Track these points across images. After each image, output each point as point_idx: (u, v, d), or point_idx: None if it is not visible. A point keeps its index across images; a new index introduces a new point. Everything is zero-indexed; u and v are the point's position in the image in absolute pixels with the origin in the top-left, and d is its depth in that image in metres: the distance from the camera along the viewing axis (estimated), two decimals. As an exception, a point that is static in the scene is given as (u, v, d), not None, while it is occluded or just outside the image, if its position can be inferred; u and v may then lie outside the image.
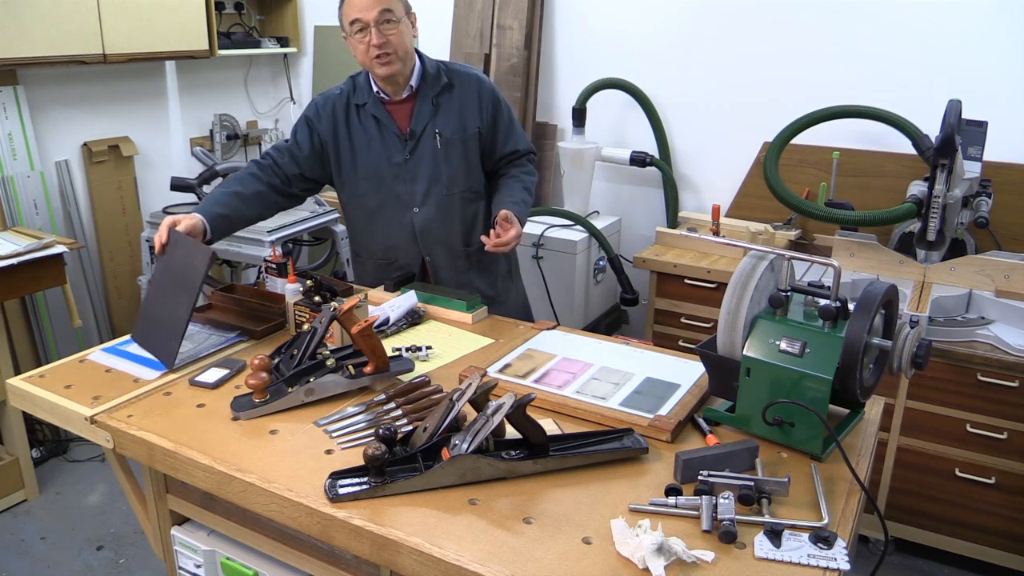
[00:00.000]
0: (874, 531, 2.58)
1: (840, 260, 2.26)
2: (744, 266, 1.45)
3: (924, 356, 1.36)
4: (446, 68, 2.15)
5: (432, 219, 2.16)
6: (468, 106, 2.13)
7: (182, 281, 1.74)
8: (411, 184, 2.13)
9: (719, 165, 3.25)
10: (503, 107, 2.19)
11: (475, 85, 2.15)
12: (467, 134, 2.13)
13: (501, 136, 2.19)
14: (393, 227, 2.19)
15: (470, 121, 2.13)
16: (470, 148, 2.15)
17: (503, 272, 2.33)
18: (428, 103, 2.10)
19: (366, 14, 1.97)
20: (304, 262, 3.77)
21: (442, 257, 2.21)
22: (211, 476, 1.37)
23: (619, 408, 1.52)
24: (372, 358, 1.58)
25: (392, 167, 2.12)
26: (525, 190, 2.18)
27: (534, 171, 2.28)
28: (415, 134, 2.10)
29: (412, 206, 2.15)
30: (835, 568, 1.11)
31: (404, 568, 1.18)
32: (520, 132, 2.25)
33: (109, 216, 3.49)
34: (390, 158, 2.12)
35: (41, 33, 2.89)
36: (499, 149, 2.20)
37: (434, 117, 2.11)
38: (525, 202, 2.14)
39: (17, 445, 2.84)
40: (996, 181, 2.63)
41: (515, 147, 2.22)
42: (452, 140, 2.12)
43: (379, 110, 2.11)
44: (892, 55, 2.85)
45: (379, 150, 2.12)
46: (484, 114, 2.15)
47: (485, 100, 2.15)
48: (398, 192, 2.14)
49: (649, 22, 3.25)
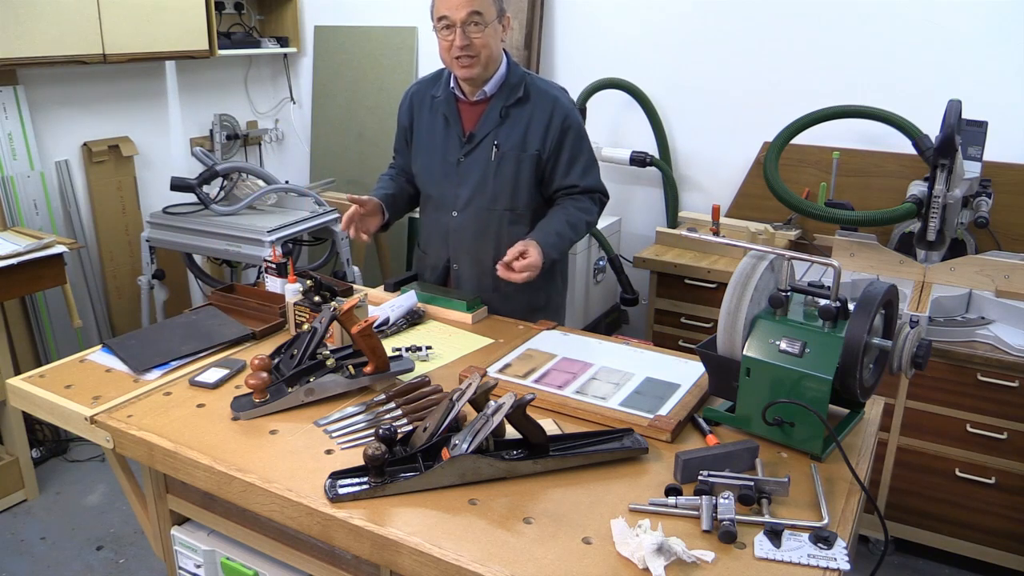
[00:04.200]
0: (874, 531, 2.58)
1: (840, 260, 2.26)
2: (744, 266, 1.45)
3: (924, 356, 1.36)
4: (529, 81, 2.07)
5: (467, 227, 2.12)
6: (535, 125, 2.04)
7: (202, 335, 1.85)
8: (457, 187, 2.10)
9: (719, 165, 3.25)
10: (572, 135, 2.06)
11: (550, 106, 2.04)
12: (525, 153, 2.04)
13: (563, 165, 2.07)
14: (433, 223, 2.19)
15: (532, 141, 2.04)
16: (524, 167, 2.05)
17: (538, 305, 2.19)
18: (497, 111, 2.04)
19: (455, 12, 1.90)
20: (304, 262, 3.77)
21: (469, 268, 2.16)
22: (211, 476, 1.37)
23: (619, 408, 1.52)
24: (372, 358, 1.58)
25: (445, 165, 2.11)
26: (568, 224, 2.05)
27: (592, 210, 2.13)
28: (474, 139, 2.06)
29: (452, 209, 2.12)
30: (835, 568, 1.11)
31: (404, 568, 1.18)
32: (588, 167, 2.11)
33: (109, 216, 3.49)
34: (446, 156, 2.10)
35: (41, 33, 2.89)
36: (558, 179, 2.09)
37: (499, 127, 2.05)
38: (560, 235, 2.02)
39: (17, 445, 2.84)
40: (996, 181, 2.63)
41: (576, 181, 2.08)
42: (508, 155, 2.04)
43: (449, 107, 2.09)
44: (892, 55, 2.85)
45: (440, 145, 2.11)
46: (549, 137, 2.04)
47: (554, 123, 2.04)
48: (444, 191, 2.13)
49: (649, 22, 3.25)
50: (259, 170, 3.34)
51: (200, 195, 3.05)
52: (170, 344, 1.79)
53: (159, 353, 1.74)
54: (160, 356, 1.73)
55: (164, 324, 1.94)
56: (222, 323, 1.91)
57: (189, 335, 1.83)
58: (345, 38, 4.00)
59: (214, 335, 1.84)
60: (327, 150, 4.17)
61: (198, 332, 1.85)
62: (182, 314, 1.97)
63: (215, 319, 1.93)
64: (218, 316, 1.95)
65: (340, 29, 4.01)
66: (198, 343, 1.80)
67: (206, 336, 1.83)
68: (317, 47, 4.11)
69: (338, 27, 4.01)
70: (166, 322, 1.95)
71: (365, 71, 3.95)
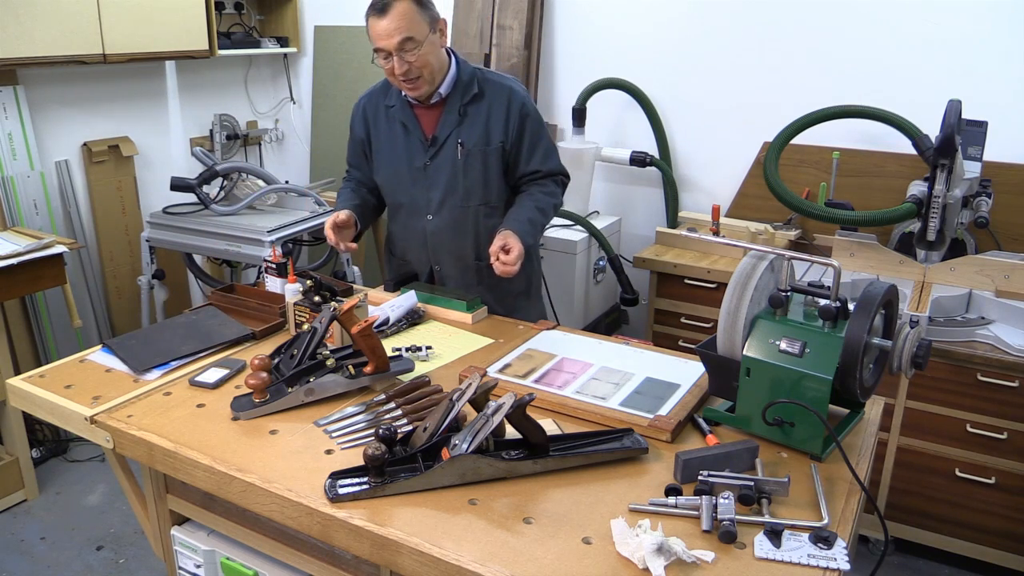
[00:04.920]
0: (874, 531, 2.58)
1: (840, 260, 2.26)
2: (744, 266, 1.45)
3: (924, 356, 1.36)
4: (481, 76, 2.09)
5: (444, 228, 2.13)
6: (495, 118, 2.07)
7: (202, 335, 1.84)
8: (428, 191, 2.11)
9: (719, 165, 3.24)
10: (531, 123, 2.10)
11: (506, 97, 2.07)
12: (490, 147, 2.07)
13: (525, 152, 2.11)
14: (408, 230, 2.19)
15: (495, 133, 2.07)
16: (491, 161, 2.08)
17: (519, 290, 2.24)
18: (455, 112, 2.06)
19: (386, 42, 1.92)
20: (304, 262, 3.77)
21: (451, 268, 2.19)
22: (211, 476, 1.37)
23: (619, 408, 1.52)
24: (372, 358, 1.58)
25: (412, 171, 2.11)
26: (537, 209, 2.08)
27: (557, 192, 2.17)
28: (437, 141, 2.07)
29: (427, 213, 2.13)
30: (835, 568, 1.11)
31: (404, 568, 1.18)
32: (548, 152, 2.15)
33: (109, 216, 3.49)
34: (411, 161, 2.11)
35: (41, 33, 2.89)
36: (521, 166, 2.12)
37: (459, 126, 2.06)
38: (532, 221, 2.05)
39: (17, 445, 2.84)
40: (996, 181, 2.63)
41: (538, 167, 2.12)
42: (473, 151, 2.07)
43: (406, 114, 2.10)
44: (892, 55, 2.85)
45: (402, 152, 2.12)
46: (510, 127, 2.07)
47: (513, 113, 2.07)
48: (414, 196, 2.13)
49: (649, 22, 3.25)
50: (259, 170, 3.34)
51: (200, 195, 3.05)
52: (170, 344, 1.79)
53: (159, 353, 1.74)
54: (160, 356, 1.73)
55: (164, 324, 1.94)
56: (222, 323, 1.91)
57: (189, 335, 1.83)
58: (345, 38, 4.00)
59: (214, 335, 1.84)
60: (327, 150, 4.17)
61: (198, 332, 1.85)
62: (182, 314, 1.97)
63: (215, 319, 1.93)
64: (218, 316, 1.95)
65: (340, 29, 4.01)
66: (198, 343, 1.80)
67: (206, 336, 1.83)
68: (317, 47, 4.11)
69: (338, 27, 4.01)
70: (166, 322, 1.95)
71: (365, 71, 3.95)
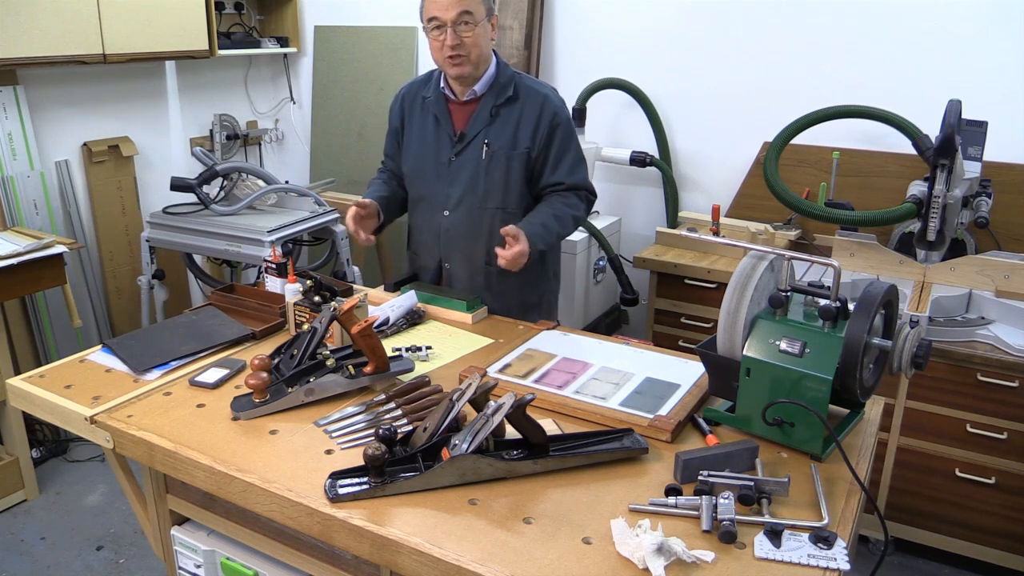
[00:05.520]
0: (874, 531, 2.58)
1: (840, 260, 2.26)
2: (744, 266, 1.45)
3: (924, 356, 1.36)
4: (518, 80, 2.08)
5: (458, 227, 2.13)
6: (525, 123, 2.05)
7: (202, 335, 1.84)
8: (448, 186, 2.11)
9: (719, 165, 3.24)
10: (561, 133, 2.07)
11: (539, 103, 2.06)
12: (515, 151, 2.06)
13: (551, 162, 2.08)
14: (425, 224, 2.19)
15: (522, 138, 2.05)
16: (514, 165, 2.07)
17: (530, 303, 2.20)
18: (487, 111, 2.06)
19: (445, 13, 1.92)
20: (304, 262, 3.77)
21: (461, 267, 2.17)
22: (211, 476, 1.37)
23: (619, 408, 1.52)
24: (372, 358, 1.58)
25: (437, 165, 2.12)
26: (554, 216, 2.05)
27: (578, 206, 2.12)
28: (465, 138, 2.07)
29: (444, 208, 2.13)
30: (835, 568, 1.11)
31: (404, 568, 1.18)
32: (575, 165, 2.11)
33: (109, 216, 3.49)
34: (437, 155, 2.11)
35: (41, 33, 2.89)
36: (546, 175, 2.10)
37: (489, 126, 2.06)
38: (546, 225, 2.02)
39: (17, 445, 2.84)
40: (996, 181, 2.63)
41: (563, 178, 2.09)
42: (498, 153, 2.06)
43: (440, 107, 2.10)
44: (892, 55, 2.85)
45: (431, 145, 2.12)
46: (538, 134, 2.05)
47: (544, 121, 2.05)
48: (435, 191, 2.14)
49: (649, 22, 3.25)
50: (259, 170, 3.34)
51: (200, 195, 3.05)
52: (170, 344, 1.79)
53: (159, 353, 1.74)
54: (160, 356, 1.73)
55: (164, 324, 1.94)
56: (222, 323, 1.91)
57: (189, 335, 1.83)
58: (345, 38, 4.00)
59: (214, 335, 1.84)
60: (327, 150, 4.17)
61: (198, 332, 1.85)
62: (182, 314, 1.97)
63: (215, 319, 1.93)
64: (218, 316, 1.95)
65: (340, 29, 4.01)
66: (198, 343, 1.79)
67: (206, 336, 1.83)
68: (317, 47, 4.11)
69: (338, 27, 4.01)
70: (166, 322, 1.95)
71: (365, 71, 3.96)
